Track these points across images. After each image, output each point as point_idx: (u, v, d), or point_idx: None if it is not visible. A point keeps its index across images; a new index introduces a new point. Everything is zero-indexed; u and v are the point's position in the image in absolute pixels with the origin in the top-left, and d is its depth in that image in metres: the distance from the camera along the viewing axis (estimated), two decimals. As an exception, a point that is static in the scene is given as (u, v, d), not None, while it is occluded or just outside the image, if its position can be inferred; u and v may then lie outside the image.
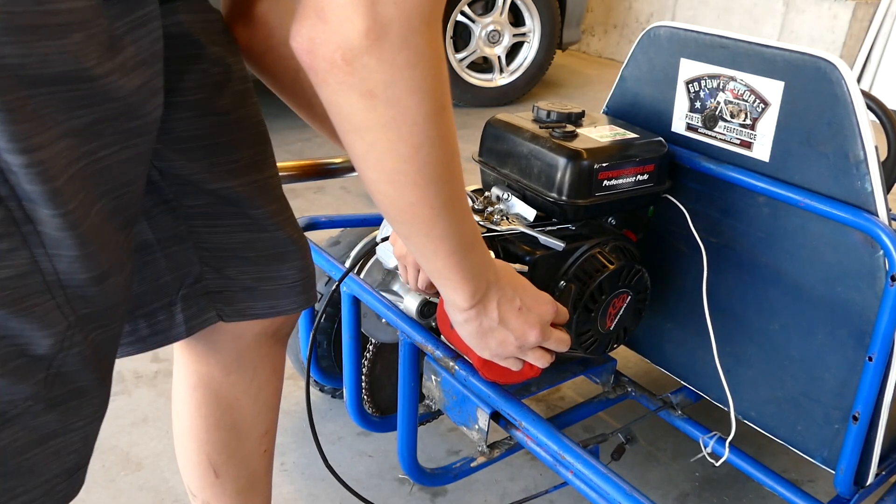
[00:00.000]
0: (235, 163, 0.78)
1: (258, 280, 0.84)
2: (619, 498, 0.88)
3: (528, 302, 0.86)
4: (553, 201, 1.23)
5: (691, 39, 1.30)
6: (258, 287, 0.84)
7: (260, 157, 0.81)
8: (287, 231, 0.84)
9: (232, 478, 1.00)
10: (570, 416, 1.52)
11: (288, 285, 0.86)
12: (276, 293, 0.86)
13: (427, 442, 1.63)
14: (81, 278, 0.57)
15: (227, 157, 0.77)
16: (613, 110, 1.47)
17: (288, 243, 0.85)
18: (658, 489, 1.56)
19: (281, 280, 0.86)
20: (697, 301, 1.38)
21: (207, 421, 0.95)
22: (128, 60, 0.58)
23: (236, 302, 0.84)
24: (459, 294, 0.77)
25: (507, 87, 4.20)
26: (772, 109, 1.20)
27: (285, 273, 0.86)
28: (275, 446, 1.07)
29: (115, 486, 1.48)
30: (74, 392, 0.61)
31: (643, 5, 5.48)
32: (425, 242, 0.68)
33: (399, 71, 0.55)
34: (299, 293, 0.88)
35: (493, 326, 0.84)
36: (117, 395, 1.73)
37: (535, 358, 0.92)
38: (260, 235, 0.82)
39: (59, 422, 0.60)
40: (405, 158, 0.60)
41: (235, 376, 0.93)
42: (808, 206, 1.17)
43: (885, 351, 1.12)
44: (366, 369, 1.46)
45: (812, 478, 1.60)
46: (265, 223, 0.82)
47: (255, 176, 0.80)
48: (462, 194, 0.68)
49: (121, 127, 0.58)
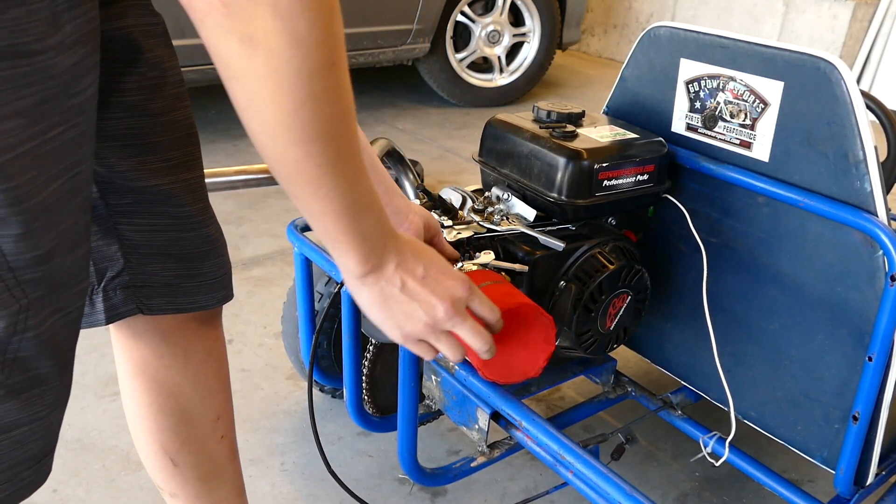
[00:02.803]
0: (166, 161, 0.80)
1: (180, 277, 0.86)
2: (619, 498, 0.88)
3: (434, 273, 0.78)
4: (553, 201, 1.23)
5: (691, 39, 1.30)
6: (179, 284, 0.86)
7: (189, 157, 0.83)
8: (210, 229, 0.87)
9: (191, 466, 1.01)
10: (570, 416, 1.52)
11: (208, 282, 0.88)
12: (197, 289, 0.88)
13: (427, 442, 1.63)
14: (26, 258, 0.57)
15: (158, 157, 0.79)
16: (614, 110, 1.47)
17: (210, 241, 0.87)
18: (658, 489, 1.56)
19: (202, 277, 0.88)
20: (697, 301, 1.38)
21: (153, 408, 0.97)
22: (66, 38, 0.57)
23: (157, 297, 0.86)
24: (351, 258, 0.70)
25: (507, 87, 4.20)
26: (771, 109, 1.20)
27: (206, 270, 0.88)
28: (235, 433, 1.07)
29: (115, 486, 1.48)
30: (34, 379, 0.60)
31: (643, 5, 5.48)
32: (312, 202, 0.63)
33: (282, 19, 0.51)
34: (219, 289, 0.90)
35: (395, 294, 0.76)
36: (117, 395, 1.73)
37: (447, 347, 0.82)
38: (185, 234, 0.84)
39: (20, 410, 0.60)
40: (288, 113, 0.56)
41: (168, 359, 0.95)
42: (808, 206, 1.17)
43: (884, 351, 1.12)
44: (366, 369, 1.46)
45: (812, 478, 1.60)
46: (190, 222, 0.84)
47: (185, 175, 0.82)
48: (355, 154, 0.63)
49: (62, 106, 0.58)
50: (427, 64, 3.94)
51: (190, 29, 2.37)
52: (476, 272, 1.14)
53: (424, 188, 1.25)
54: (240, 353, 1.91)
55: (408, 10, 3.64)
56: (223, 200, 2.80)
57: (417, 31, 3.72)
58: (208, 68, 3.16)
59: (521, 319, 1.06)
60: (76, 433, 1.61)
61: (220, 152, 3.24)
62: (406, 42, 3.73)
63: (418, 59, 3.91)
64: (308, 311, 1.44)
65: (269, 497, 1.48)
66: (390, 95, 4.24)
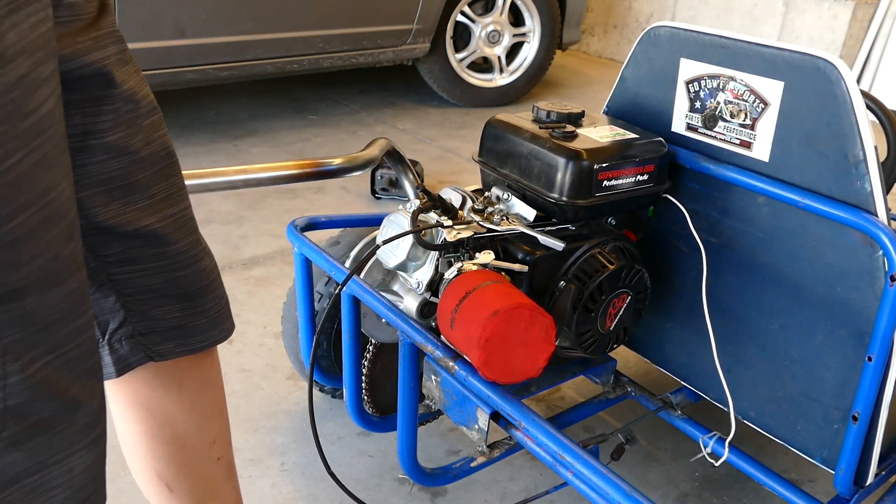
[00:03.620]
0: (150, 199, 0.76)
1: (186, 317, 0.83)
2: (619, 498, 0.88)
3: None
4: (553, 201, 1.23)
5: (691, 39, 1.30)
6: (187, 324, 0.84)
7: (173, 189, 0.79)
8: (205, 262, 0.83)
9: (187, 490, 0.99)
10: (570, 416, 1.52)
11: (213, 316, 0.86)
12: (205, 326, 0.85)
13: (427, 442, 1.63)
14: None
15: (141, 195, 0.75)
16: (614, 110, 1.47)
17: (207, 274, 0.84)
18: (658, 489, 1.56)
19: (207, 313, 0.85)
20: (697, 301, 1.38)
21: (147, 436, 0.94)
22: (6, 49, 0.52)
23: (165, 341, 0.83)
24: None
25: (507, 87, 4.20)
26: (771, 109, 1.20)
27: (209, 305, 0.85)
28: (232, 451, 1.06)
29: (115, 486, 1.48)
30: (36, 426, 0.57)
31: (643, 5, 5.48)
32: None
33: None
34: (224, 320, 0.87)
35: None
36: (117, 395, 1.73)
37: None
38: (182, 273, 0.81)
39: (27, 460, 0.57)
40: None
41: (161, 390, 0.92)
42: (808, 207, 1.17)
43: (884, 351, 1.12)
44: (366, 369, 1.46)
45: (812, 478, 1.60)
46: (185, 258, 0.80)
47: (171, 210, 0.78)
48: None
49: (15, 129, 0.53)
50: (427, 64, 3.94)
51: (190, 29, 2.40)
52: (476, 272, 1.14)
53: (424, 188, 1.25)
54: (240, 353, 1.91)
55: (408, 10, 3.64)
56: (223, 200, 2.79)
57: (417, 31, 3.72)
58: (208, 68, 3.16)
59: (521, 319, 1.06)
60: (76, 433, 1.61)
61: (220, 152, 3.24)
62: (406, 42, 3.73)
63: (418, 59, 3.91)
64: (308, 311, 1.44)
65: (269, 497, 1.48)
66: (390, 95, 4.23)
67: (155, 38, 2.95)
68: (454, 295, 1.10)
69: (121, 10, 2.81)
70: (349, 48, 3.55)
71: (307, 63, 3.45)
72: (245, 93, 4.05)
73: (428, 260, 1.23)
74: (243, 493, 1.51)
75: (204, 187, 1.25)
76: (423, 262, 1.23)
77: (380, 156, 1.38)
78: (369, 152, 1.38)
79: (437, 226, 1.21)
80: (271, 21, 3.23)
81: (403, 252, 1.21)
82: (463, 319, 1.07)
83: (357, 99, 4.12)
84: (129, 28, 2.86)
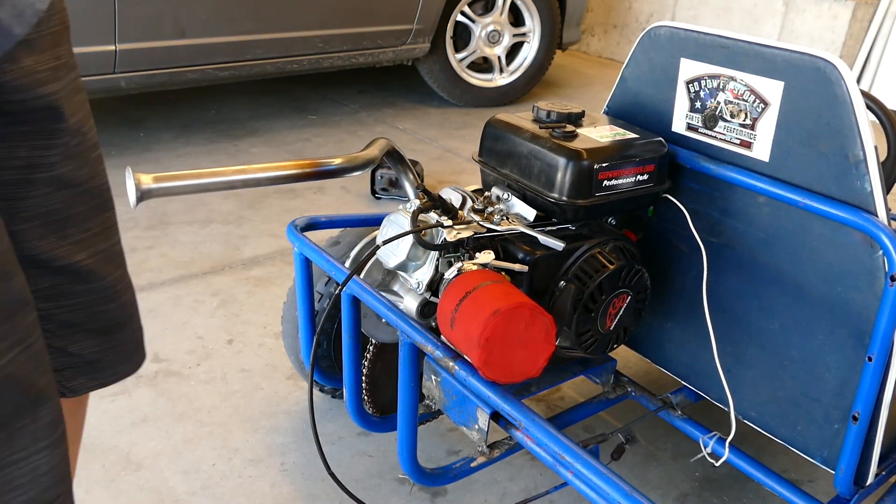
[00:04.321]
0: (85, 232, 0.75)
1: (102, 351, 0.82)
2: (619, 498, 0.88)
3: None
4: (553, 201, 1.23)
5: (691, 39, 1.30)
6: (103, 358, 0.82)
7: (107, 223, 0.79)
8: (128, 295, 0.82)
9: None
10: (570, 416, 1.52)
11: (129, 350, 0.84)
12: (119, 360, 0.84)
13: (427, 442, 1.63)
14: None
15: (78, 228, 0.74)
16: (614, 110, 1.47)
17: (129, 308, 0.83)
18: (658, 489, 1.56)
19: (123, 346, 0.84)
20: (697, 301, 1.38)
21: None
22: None
23: (79, 377, 0.81)
24: None
25: (507, 87, 4.20)
26: (771, 109, 1.20)
27: (126, 338, 0.84)
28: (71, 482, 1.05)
29: (115, 486, 1.48)
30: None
31: (643, 5, 5.48)
32: None
33: None
34: (137, 352, 0.86)
35: None
36: (118, 395, 1.73)
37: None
38: (106, 307, 0.80)
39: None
40: None
41: None
42: (808, 207, 1.17)
43: (884, 351, 1.12)
44: (366, 369, 1.46)
45: (812, 478, 1.60)
46: (110, 294, 0.79)
47: (103, 245, 0.78)
48: None
49: None
50: (427, 64, 3.94)
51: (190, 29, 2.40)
52: (476, 272, 1.14)
53: (424, 188, 1.25)
54: (240, 353, 1.91)
55: (408, 10, 3.64)
56: (223, 200, 2.80)
57: (417, 31, 3.72)
58: (208, 68, 3.16)
59: (521, 319, 1.06)
60: (76, 433, 1.61)
61: (220, 152, 3.24)
62: (406, 42, 3.73)
63: (418, 59, 3.91)
64: (308, 311, 1.44)
65: (269, 497, 1.48)
66: (390, 95, 4.23)
67: (155, 38, 2.94)
68: (454, 295, 1.10)
69: (121, 10, 2.81)
70: (349, 48, 3.55)
71: (307, 63, 3.45)
72: (245, 93, 4.05)
73: (428, 260, 1.23)
74: (243, 492, 1.52)
75: (204, 187, 1.25)
76: (423, 262, 1.23)
77: (380, 156, 1.38)
78: (369, 152, 1.38)
79: (437, 226, 1.21)
80: (271, 21, 3.23)
81: (403, 252, 1.21)
82: (463, 319, 1.07)
83: (357, 99, 4.12)
84: (129, 28, 2.86)
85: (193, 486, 1.49)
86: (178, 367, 1.85)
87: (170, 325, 2.01)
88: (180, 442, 1.60)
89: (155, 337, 1.96)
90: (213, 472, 1.53)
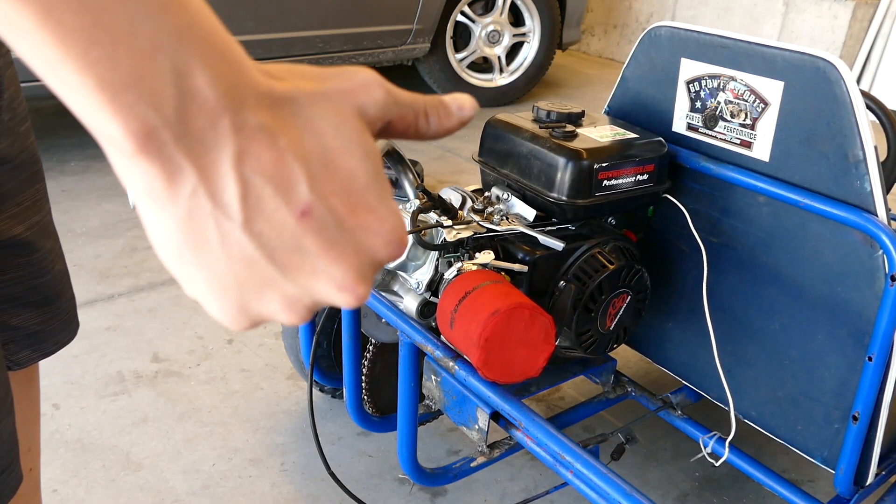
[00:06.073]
0: (19, 206, 0.76)
1: (43, 322, 0.83)
2: (619, 498, 0.88)
3: (338, 147, 0.33)
4: (553, 201, 1.23)
5: (692, 39, 1.30)
6: (44, 329, 0.84)
7: (39, 195, 0.79)
8: (60, 264, 0.84)
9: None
10: (570, 416, 1.52)
11: (65, 319, 0.86)
12: (58, 329, 0.86)
13: (427, 442, 1.63)
14: None
15: (11, 202, 0.75)
16: (615, 110, 1.47)
17: (63, 277, 0.84)
18: (658, 489, 1.56)
19: (61, 315, 0.85)
20: (698, 301, 1.38)
21: None
22: None
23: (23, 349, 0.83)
24: (120, 115, 0.28)
25: (507, 87, 4.20)
26: (772, 109, 1.20)
27: (63, 307, 0.85)
28: (40, 464, 1.06)
29: (115, 486, 1.48)
30: None
31: (643, 5, 5.48)
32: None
33: None
34: (72, 320, 0.88)
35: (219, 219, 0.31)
36: (118, 395, 1.73)
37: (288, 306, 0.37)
38: (43, 279, 0.81)
39: None
40: None
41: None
42: (808, 206, 1.17)
43: (884, 351, 1.12)
44: (366, 369, 1.46)
45: (812, 478, 1.60)
46: (46, 264, 0.81)
47: (37, 217, 0.78)
48: None
49: None
50: (427, 64, 3.94)
51: (190, 29, 2.36)
52: (476, 272, 1.14)
53: (424, 188, 1.25)
54: (240, 353, 1.91)
55: (408, 10, 3.64)
56: (223, 200, 2.79)
57: (417, 31, 3.72)
58: (208, 68, 3.15)
59: (521, 319, 1.06)
60: (76, 433, 1.61)
61: (220, 152, 3.24)
62: (406, 42, 3.73)
63: (418, 59, 3.91)
64: (308, 311, 1.44)
65: (269, 497, 1.48)
66: (390, 95, 4.23)
67: (155, 38, 2.94)
68: (454, 295, 1.10)
69: (121, 10, 2.81)
70: (349, 48, 3.55)
71: (307, 63, 3.45)
72: (245, 93, 4.04)
73: (428, 260, 1.23)
74: (243, 492, 1.52)
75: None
76: (423, 262, 1.23)
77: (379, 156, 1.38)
78: (369, 152, 1.38)
79: (437, 226, 1.21)
80: (271, 21, 3.23)
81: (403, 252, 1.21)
82: (463, 319, 1.07)
83: (357, 99, 4.11)
84: (129, 28, 2.86)
85: (193, 486, 1.49)
86: (178, 367, 1.85)
87: (170, 325, 2.01)
88: (180, 442, 1.60)
89: (155, 337, 1.96)
90: (213, 472, 1.53)
